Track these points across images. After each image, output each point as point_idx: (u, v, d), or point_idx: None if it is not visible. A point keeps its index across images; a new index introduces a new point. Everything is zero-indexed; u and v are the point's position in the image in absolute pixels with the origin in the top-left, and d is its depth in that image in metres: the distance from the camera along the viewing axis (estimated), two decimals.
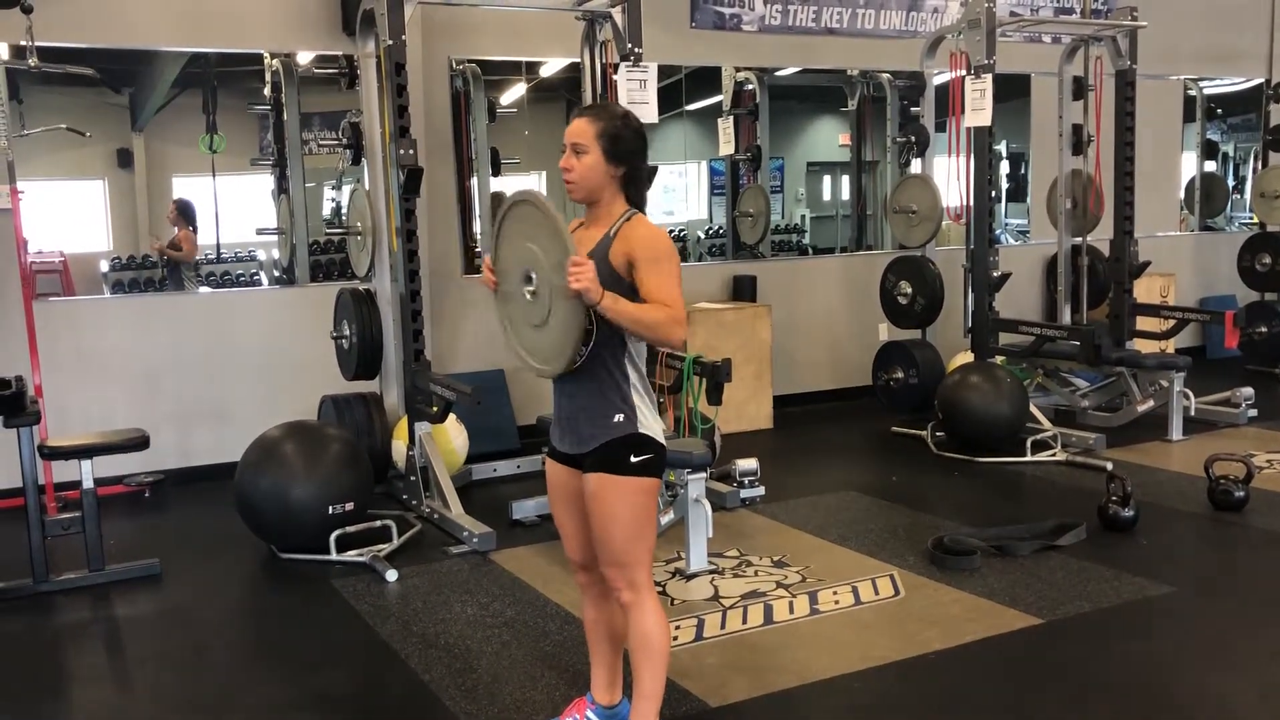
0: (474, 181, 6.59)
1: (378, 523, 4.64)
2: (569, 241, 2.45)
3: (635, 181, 2.68)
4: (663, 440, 2.69)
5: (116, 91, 5.78)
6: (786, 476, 5.66)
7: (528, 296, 2.62)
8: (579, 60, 5.81)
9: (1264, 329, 8.06)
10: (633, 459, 2.62)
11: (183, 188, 6.12)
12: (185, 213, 6.08)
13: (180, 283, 6.07)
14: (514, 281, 2.66)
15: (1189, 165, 9.24)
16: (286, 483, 4.45)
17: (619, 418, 2.62)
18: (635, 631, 2.70)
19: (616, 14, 5.39)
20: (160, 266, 6.00)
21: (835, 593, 4.04)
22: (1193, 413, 6.45)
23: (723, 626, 3.76)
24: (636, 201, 2.70)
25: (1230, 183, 9.66)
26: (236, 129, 6.15)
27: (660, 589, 4.06)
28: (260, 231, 6.16)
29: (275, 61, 6.01)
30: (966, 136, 6.41)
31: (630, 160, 2.65)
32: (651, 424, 2.66)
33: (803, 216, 8.17)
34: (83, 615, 4.09)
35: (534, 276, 2.58)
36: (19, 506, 4.26)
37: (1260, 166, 8.87)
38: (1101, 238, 7.25)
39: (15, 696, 3.41)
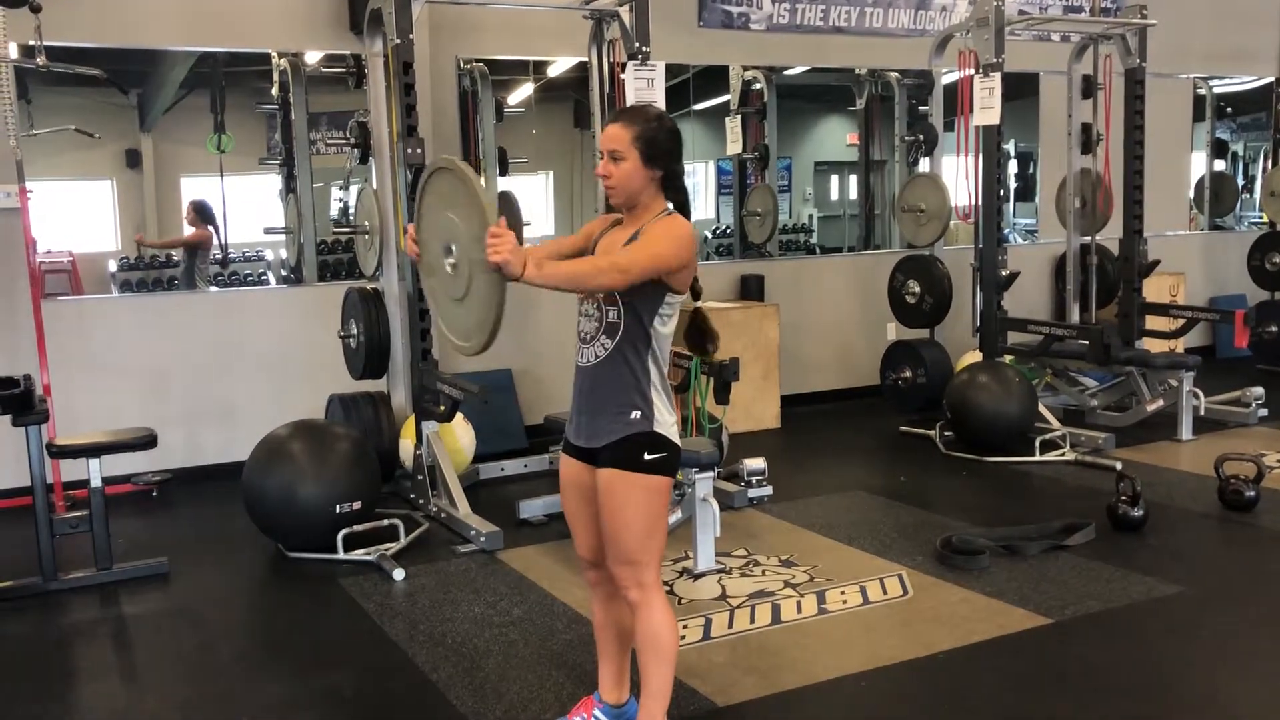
0: (481, 181, 6.58)
1: (385, 522, 4.64)
2: (489, 212, 2.35)
3: (674, 180, 2.68)
4: (678, 440, 2.69)
5: (124, 92, 5.79)
6: (794, 476, 5.64)
7: (448, 269, 2.52)
8: (586, 59, 5.81)
9: (1274, 328, 8.03)
10: (647, 457, 2.61)
11: (191, 188, 6.14)
12: (203, 212, 6.11)
13: (193, 281, 6.08)
14: (435, 253, 2.57)
15: (1198, 164, 9.20)
16: (294, 482, 4.45)
17: (636, 415, 2.61)
18: (643, 631, 2.69)
19: (624, 13, 5.38)
20: (182, 261, 6.02)
21: (843, 592, 4.03)
22: (1202, 412, 6.42)
23: (730, 626, 3.75)
24: (679, 204, 2.69)
25: (1240, 182, 9.62)
26: (244, 129, 6.16)
27: (668, 588, 4.06)
28: (268, 231, 6.16)
29: (283, 61, 6.02)
30: (975, 135, 6.40)
31: (667, 162, 2.64)
32: (668, 423, 2.66)
33: (810, 216, 8.17)
34: (91, 614, 4.09)
35: (454, 248, 2.49)
36: (27, 505, 4.27)
37: (1270, 165, 8.84)
38: (1110, 237, 7.23)
39: (24, 694, 3.41)
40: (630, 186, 2.63)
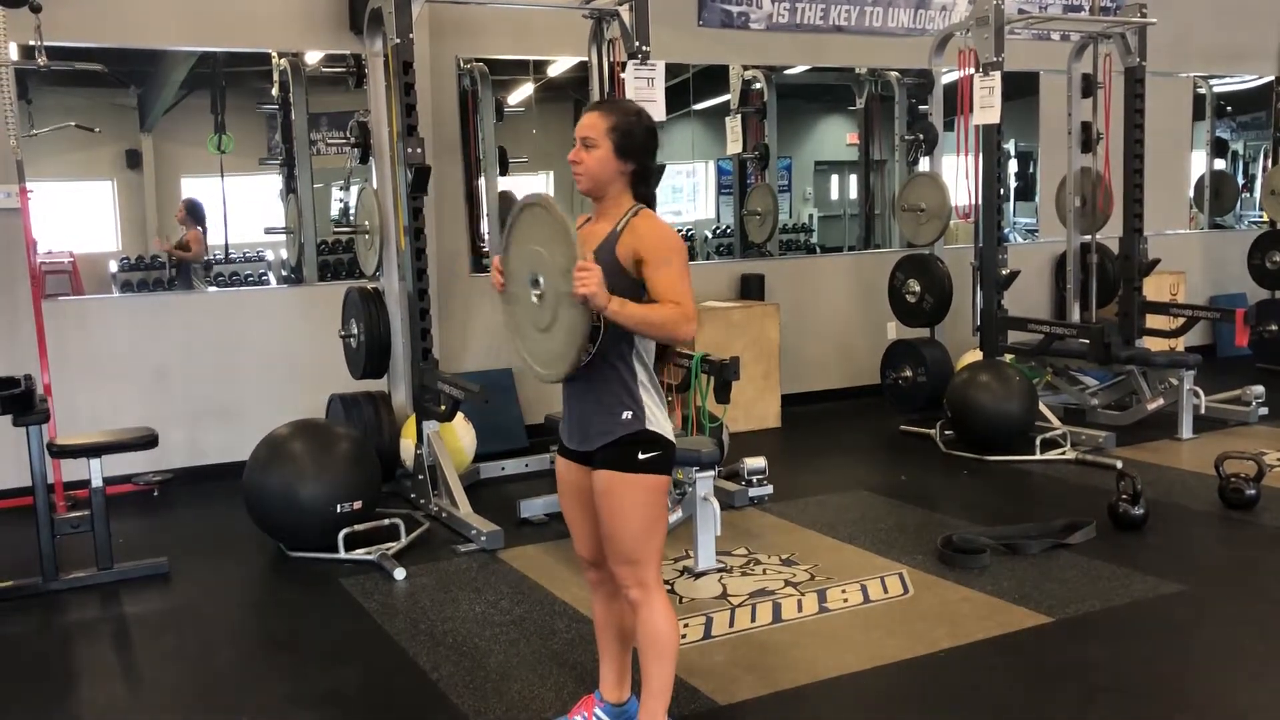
0: (482, 181, 6.59)
1: (386, 521, 4.64)
2: (577, 246, 2.44)
3: (644, 178, 2.68)
4: (672, 437, 2.69)
5: (125, 86, 5.78)
6: (795, 475, 5.65)
7: (534, 300, 2.61)
8: (586, 59, 5.81)
9: (1274, 327, 8.02)
10: (641, 456, 2.61)
11: (191, 188, 6.14)
12: (194, 213, 6.10)
13: (189, 283, 6.08)
14: (521, 284, 2.66)
15: (1198, 163, 9.20)
16: (295, 481, 4.45)
17: (627, 415, 2.62)
18: (644, 629, 2.69)
19: (624, 12, 5.39)
20: (169, 267, 6.01)
21: (844, 591, 4.03)
22: (1203, 411, 6.42)
23: (731, 625, 3.75)
24: (645, 198, 2.69)
25: (1240, 181, 9.62)
26: (245, 129, 6.16)
27: (669, 587, 4.06)
28: (269, 231, 6.16)
29: (283, 61, 6.02)
30: (975, 134, 6.40)
31: (639, 157, 2.65)
32: (660, 421, 2.66)
33: (811, 215, 8.17)
34: (92, 614, 4.10)
35: (540, 280, 2.57)
36: (28, 505, 4.27)
37: (1270, 164, 8.84)
38: (1111, 236, 7.22)
39: (25, 694, 3.41)
40: (600, 175, 2.63)
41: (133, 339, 5.71)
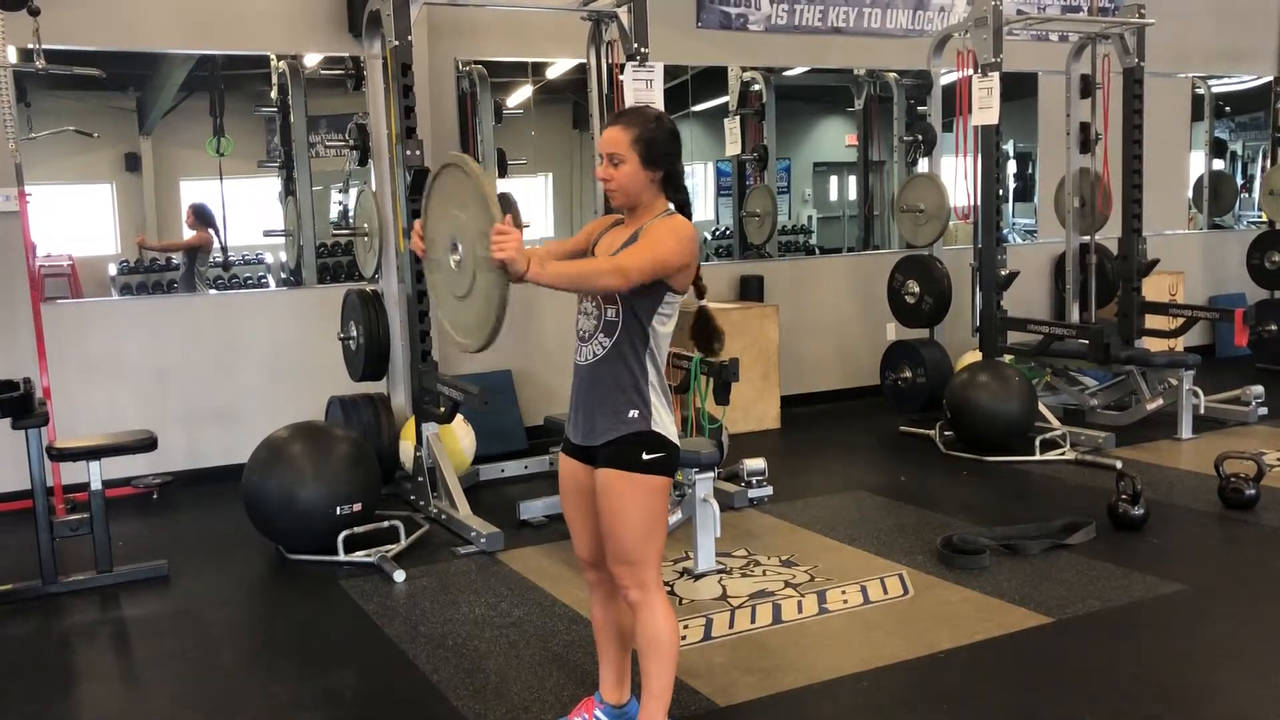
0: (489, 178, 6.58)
1: (385, 523, 4.64)
2: (495, 209, 2.35)
3: (674, 180, 2.68)
4: (676, 440, 2.68)
5: (123, 91, 5.78)
6: (794, 476, 5.64)
7: (453, 265, 2.52)
8: (585, 61, 5.81)
9: (1273, 327, 8.02)
10: (645, 456, 2.61)
11: (190, 191, 6.14)
12: (202, 216, 6.10)
13: (192, 284, 6.08)
14: (441, 250, 2.58)
15: (1197, 163, 9.21)
16: (294, 484, 4.45)
17: (634, 413, 2.61)
18: (643, 631, 2.69)
19: (622, 14, 5.39)
20: (182, 264, 6.02)
21: (844, 592, 4.03)
22: (1202, 411, 6.42)
23: (731, 626, 3.75)
24: (679, 203, 2.69)
25: (1239, 181, 9.62)
26: (244, 132, 6.16)
27: (668, 589, 4.06)
28: (268, 234, 6.17)
29: (282, 64, 6.02)
30: (974, 135, 6.40)
31: (667, 162, 2.65)
32: (666, 422, 2.66)
33: (810, 217, 8.17)
34: (91, 616, 4.09)
35: (459, 245, 2.49)
36: (28, 508, 4.27)
37: (1269, 164, 8.84)
38: (1110, 236, 7.23)
39: (24, 697, 3.41)
40: (631, 189, 2.63)
41: (132, 342, 5.71)
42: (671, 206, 2.68)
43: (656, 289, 2.58)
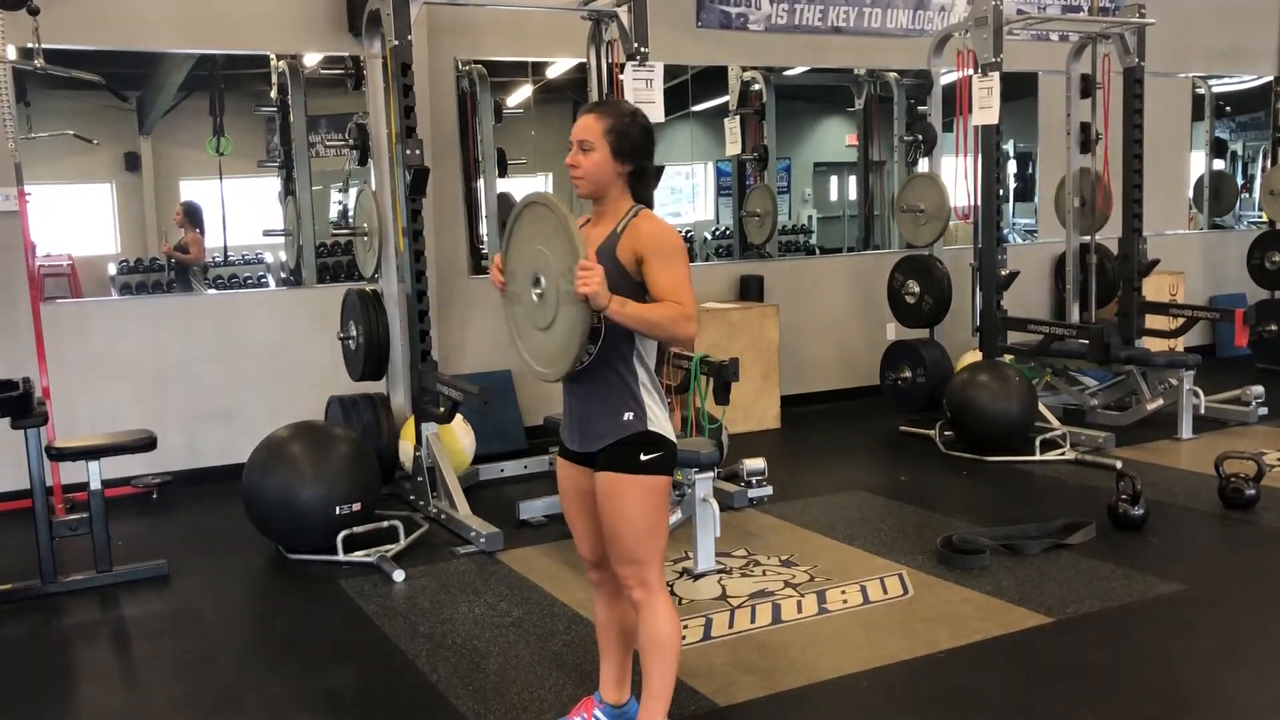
0: (480, 182, 6.59)
1: (385, 523, 4.64)
2: (579, 245, 2.44)
3: (642, 179, 2.68)
4: (673, 438, 2.68)
5: (123, 99, 5.78)
6: (794, 476, 5.64)
7: (534, 299, 2.61)
8: (585, 60, 5.81)
9: (1274, 327, 8.03)
10: (643, 457, 2.61)
11: (190, 190, 6.13)
12: (192, 215, 6.09)
13: (188, 285, 6.07)
14: (522, 283, 2.66)
15: (1197, 163, 9.20)
16: (294, 483, 4.45)
17: (628, 416, 2.61)
18: (646, 630, 2.69)
19: (622, 14, 5.39)
20: (168, 269, 6.01)
21: (844, 592, 4.03)
22: (1202, 411, 6.42)
23: (731, 626, 3.75)
24: (643, 198, 2.69)
25: (1239, 181, 9.62)
26: (243, 131, 6.15)
27: (668, 588, 4.05)
28: (267, 233, 6.16)
29: (281, 63, 6.02)
30: (974, 135, 6.40)
31: (637, 158, 2.64)
32: (662, 422, 2.66)
33: (810, 216, 8.16)
34: (91, 616, 4.09)
35: (542, 279, 2.57)
36: (27, 508, 4.27)
37: (1269, 164, 8.84)
38: (1110, 236, 7.22)
39: (24, 697, 3.41)
40: (598, 178, 2.63)
41: (131, 342, 5.71)
42: (639, 205, 2.66)
43: (636, 291, 2.57)
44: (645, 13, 5.32)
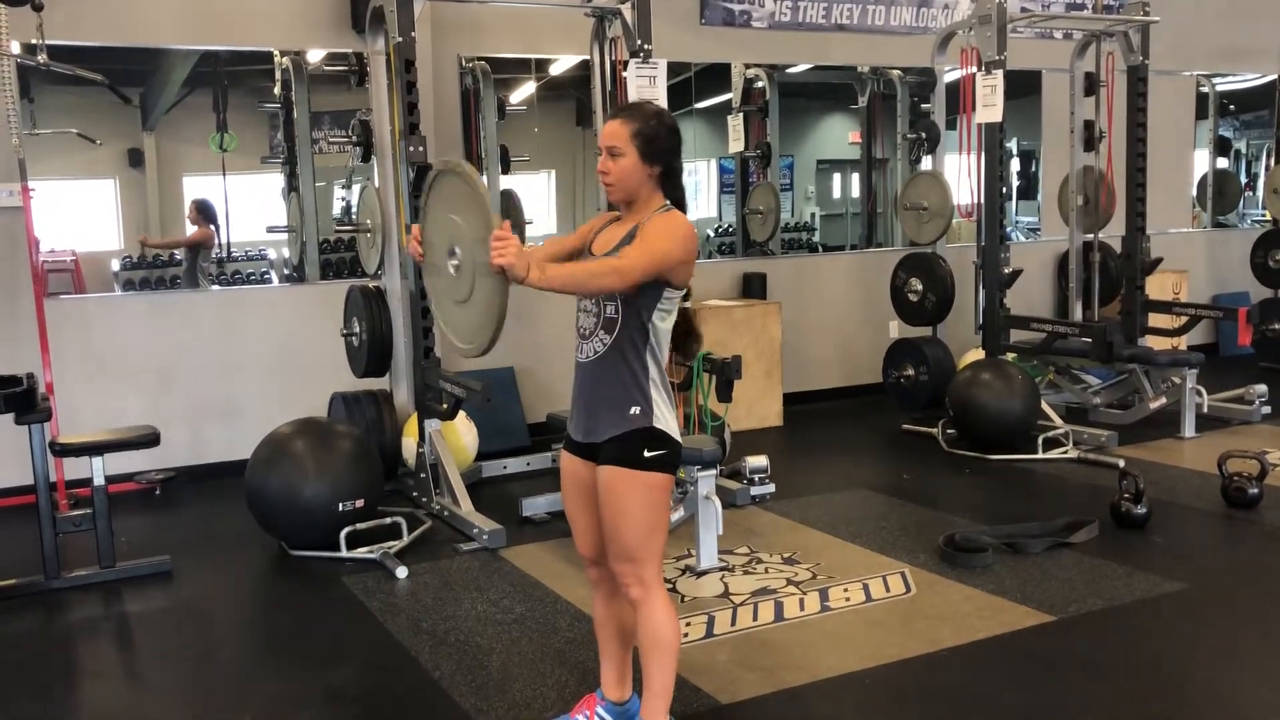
0: (484, 179, 6.58)
1: (388, 520, 4.65)
2: (492, 215, 2.38)
3: (671, 178, 2.68)
4: (678, 437, 2.68)
5: (126, 100, 5.77)
6: (797, 474, 5.64)
7: (451, 271, 2.54)
8: (588, 58, 5.80)
9: (1277, 326, 8.01)
10: (647, 453, 2.61)
11: (194, 187, 6.14)
12: (205, 211, 6.10)
13: (195, 279, 6.07)
14: (439, 254, 2.59)
15: (1201, 162, 9.19)
16: (297, 480, 4.45)
17: (635, 410, 2.61)
18: (645, 628, 2.69)
19: (626, 11, 5.38)
20: (185, 261, 6.02)
21: (846, 590, 4.03)
22: (1205, 410, 6.41)
23: (733, 623, 3.75)
24: (674, 196, 2.69)
25: (1243, 179, 9.61)
26: (247, 128, 6.16)
27: (670, 586, 4.06)
28: (271, 230, 6.17)
29: (285, 60, 6.02)
30: (977, 133, 6.39)
31: (666, 158, 2.64)
32: (668, 420, 2.65)
33: (813, 214, 8.16)
34: (94, 612, 4.10)
35: (457, 250, 2.51)
36: (31, 503, 4.27)
37: (1273, 163, 8.83)
38: (1113, 234, 7.22)
39: (27, 693, 3.41)
40: (629, 183, 2.63)
41: (135, 338, 5.72)
42: (668, 203, 2.67)
43: (655, 285, 2.57)
44: (649, 9, 5.32)
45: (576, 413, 2.73)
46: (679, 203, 2.69)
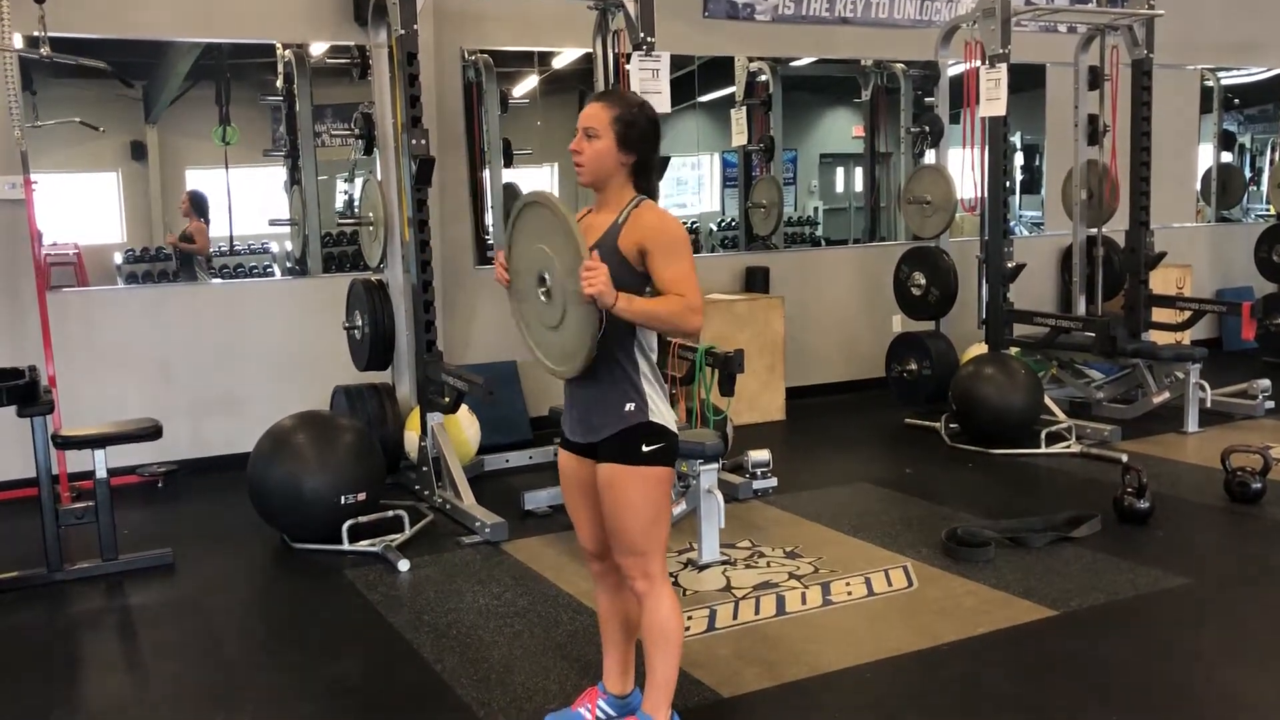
0: (486, 173, 6.59)
1: (390, 513, 4.64)
2: (582, 245, 2.44)
3: (645, 170, 2.67)
4: (675, 429, 2.68)
5: (129, 85, 5.77)
6: (799, 468, 5.64)
7: (542, 298, 2.61)
8: (591, 51, 5.79)
9: None
10: (645, 448, 2.61)
11: (196, 180, 6.14)
12: (198, 204, 6.09)
13: (193, 275, 6.08)
14: (527, 281, 2.66)
15: (1205, 156, 9.17)
16: (299, 473, 4.46)
17: (630, 407, 2.61)
18: (649, 621, 2.69)
19: (629, 3, 5.36)
20: (174, 259, 6.01)
21: (848, 584, 4.03)
22: (1209, 404, 6.40)
23: (735, 617, 3.75)
24: (646, 190, 2.68)
25: (1247, 174, 9.59)
26: (249, 121, 6.15)
27: (672, 580, 4.05)
28: (273, 223, 6.17)
29: (288, 53, 6.01)
30: (981, 127, 6.38)
31: (642, 148, 2.63)
32: (664, 412, 2.65)
33: (816, 208, 8.15)
34: (96, 604, 4.10)
35: (547, 278, 2.58)
36: (33, 496, 4.28)
37: (1278, 157, 8.81)
38: (1117, 229, 7.21)
39: (30, 685, 3.42)
40: (600, 166, 2.62)
41: (137, 331, 5.72)
42: (642, 196, 2.65)
43: (637, 281, 2.56)
44: (652, 2, 5.30)
45: (571, 414, 2.73)
46: (650, 194, 2.68)
